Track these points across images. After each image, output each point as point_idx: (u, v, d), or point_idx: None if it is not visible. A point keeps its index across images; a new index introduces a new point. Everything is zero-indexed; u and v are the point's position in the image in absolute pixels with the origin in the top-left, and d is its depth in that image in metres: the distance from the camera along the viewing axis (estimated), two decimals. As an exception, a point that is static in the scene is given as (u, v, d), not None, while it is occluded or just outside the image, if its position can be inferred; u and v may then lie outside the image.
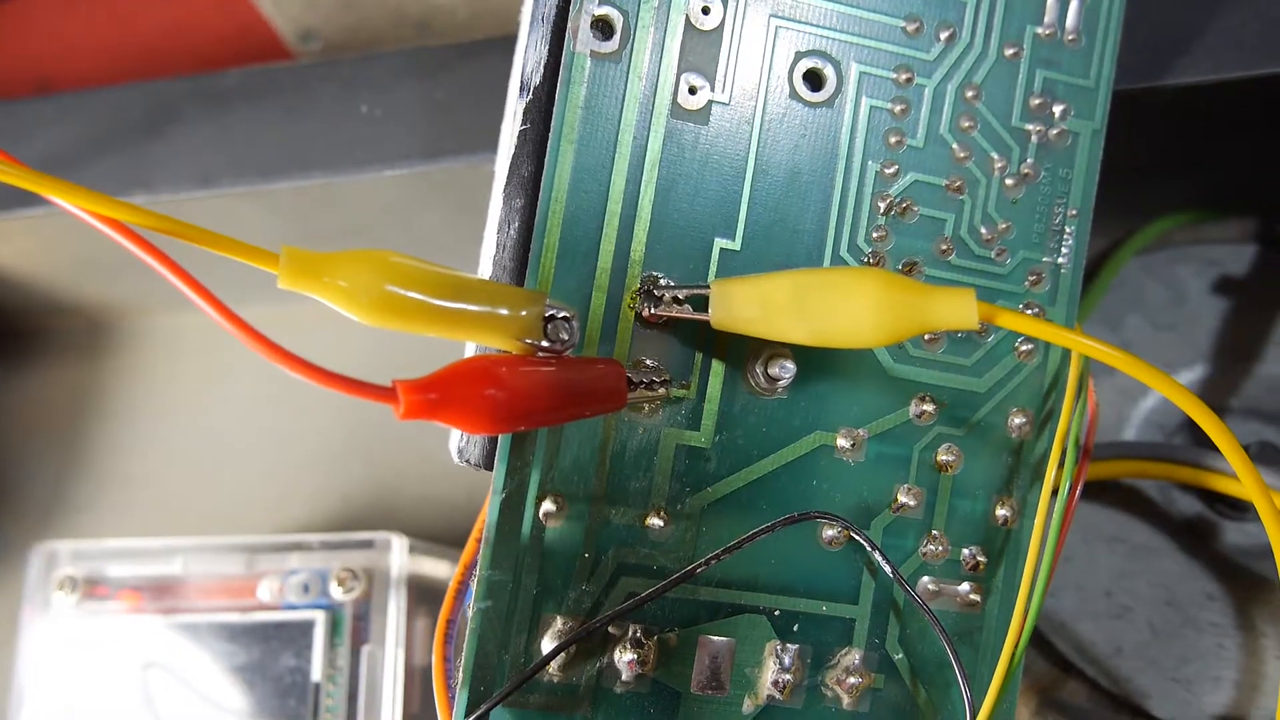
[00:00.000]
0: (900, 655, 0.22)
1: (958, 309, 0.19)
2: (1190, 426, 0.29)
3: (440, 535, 0.34)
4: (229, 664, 0.30)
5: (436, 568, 0.33)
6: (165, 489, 0.41)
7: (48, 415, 0.44)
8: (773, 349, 0.21)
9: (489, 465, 0.21)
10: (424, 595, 0.32)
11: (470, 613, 0.21)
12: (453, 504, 0.38)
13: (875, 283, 0.19)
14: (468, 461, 0.21)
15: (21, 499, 0.43)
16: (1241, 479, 0.20)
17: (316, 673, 0.29)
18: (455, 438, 0.21)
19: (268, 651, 0.30)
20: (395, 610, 0.30)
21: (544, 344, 0.20)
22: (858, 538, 0.22)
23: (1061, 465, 0.22)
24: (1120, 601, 0.27)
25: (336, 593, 0.30)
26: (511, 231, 0.21)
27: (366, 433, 0.40)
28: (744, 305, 0.20)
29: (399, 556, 0.30)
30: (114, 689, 0.31)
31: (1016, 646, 0.21)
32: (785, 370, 0.21)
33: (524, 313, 0.20)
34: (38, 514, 0.42)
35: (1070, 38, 0.23)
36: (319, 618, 0.30)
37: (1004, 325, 0.20)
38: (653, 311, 0.21)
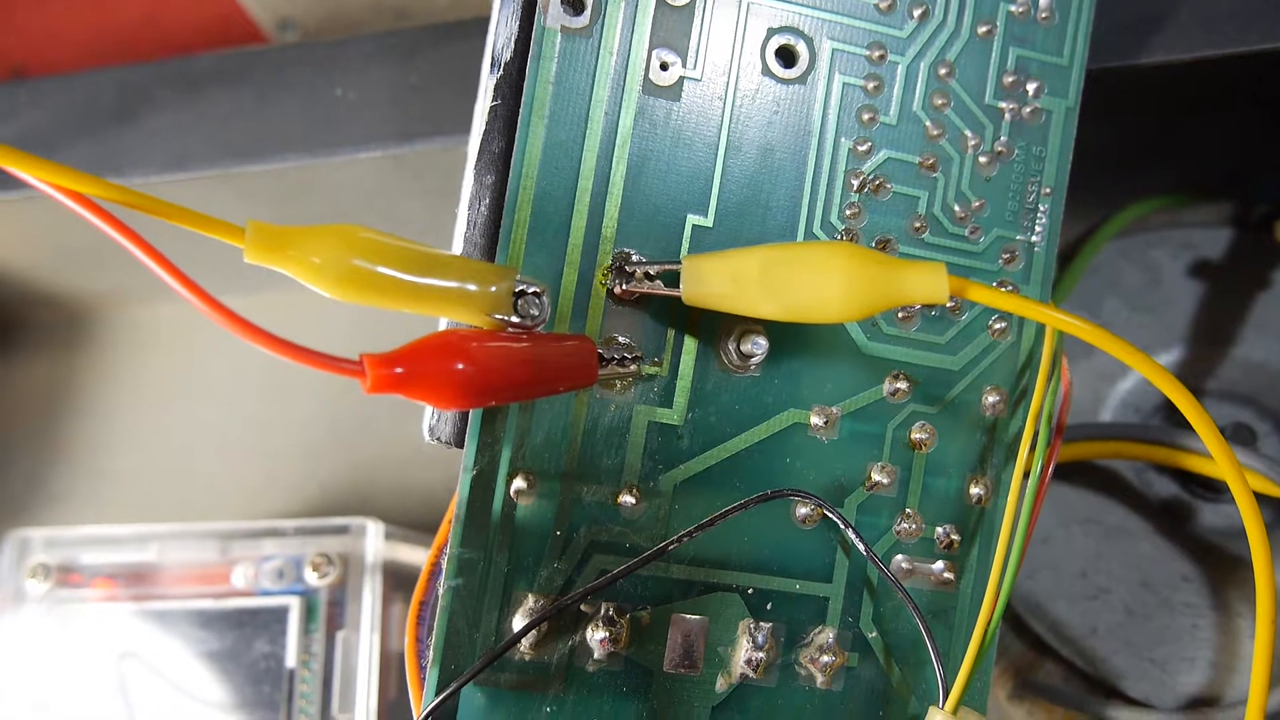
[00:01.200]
0: (874, 634, 0.22)
1: (928, 282, 0.19)
2: (1167, 408, 0.29)
3: (418, 522, 0.34)
4: (203, 651, 0.30)
5: (413, 554, 0.33)
6: (142, 479, 0.41)
7: (25, 406, 0.43)
8: (745, 325, 0.21)
9: (460, 442, 0.21)
10: (401, 581, 0.31)
11: (441, 591, 0.20)
12: (430, 490, 0.37)
13: (845, 257, 0.19)
14: (439, 439, 0.21)
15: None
16: (1215, 457, 0.20)
17: (291, 659, 0.29)
18: (427, 415, 0.21)
19: (242, 638, 0.30)
20: (370, 595, 0.29)
21: (514, 319, 0.20)
22: (831, 516, 0.22)
23: (1034, 445, 0.22)
24: (1096, 583, 0.27)
25: (311, 578, 0.30)
26: (482, 208, 0.21)
27: (344, 421, 0.39)
28: (715, 281, 0.20)
29: (374, 542, 0.30)
30: (88, 677, 0.31)
31: (989, 624, 0.21)
32: (758, 346, 0.21)
33: (493, 288, 0.20)
34: (14, 504, 0.42)
35: (1043, 15, 0.23)
36: (293, 603, 0.29)
37: (975, 299, 0.20)
38: (624, 288, 0.21)
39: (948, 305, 0.23)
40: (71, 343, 0.44)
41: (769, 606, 0.22)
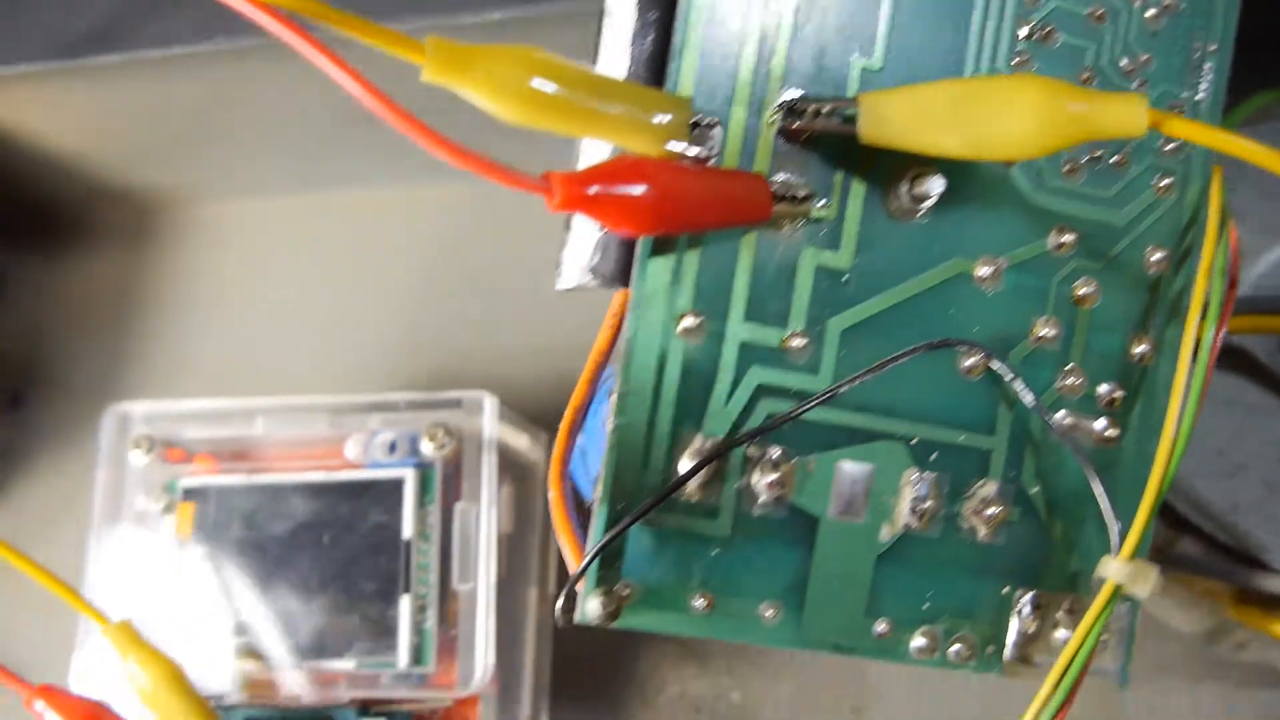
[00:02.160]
0: (1036, 489, 0.22)
1: (1127, 114, 0.19)
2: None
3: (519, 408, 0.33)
4: (316, 522, 0.29)
5: (518, 440, 0.32)
6: (230, 362, 0.40)
7: (99, 302, 0.43)
8: (920, 167, 0.21)
9: (624, 280, 0.20)
10: (506, 465, 0.31)
11: (607, 429, 0.20)
12: (525, 383, 0.37)
13: (1038, 88, 0.19)
14: (600, 276, 0.21)
15: (74, 388, 0.42)
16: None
17: (408, 530, 0.29)
18: (586, 255, 0.21)
19: (356, 509, 0.29)
20: (489, 468, 0.29)
21: (689, 150, 0.19)
22: (996, 368, 0.21)
23: (1205, 302, 0.22)
24: (1234, 460, 0.27)
25: (427, 449, 0.29)
26: (646, 44, 0.21)
27: (433, 309, 0.39)
28: (897, 116, 0.19)
29: (490, 415, 0.29)
30: (194, 553, 0.30)
31: (1167, 468, 0.20)
32: (935, 186, 0.20)
33: (670, 117, 0.19)
34: (93, 402, 0.41)
35: None
36: (409, 475, 0.29)
37: (1174, 134, 0.19)
38: (797, 125, 0.20)
39: (1115, 159, 0.22)
40: (144, 239, 0.44)
41: (933, 457, 0.21)
